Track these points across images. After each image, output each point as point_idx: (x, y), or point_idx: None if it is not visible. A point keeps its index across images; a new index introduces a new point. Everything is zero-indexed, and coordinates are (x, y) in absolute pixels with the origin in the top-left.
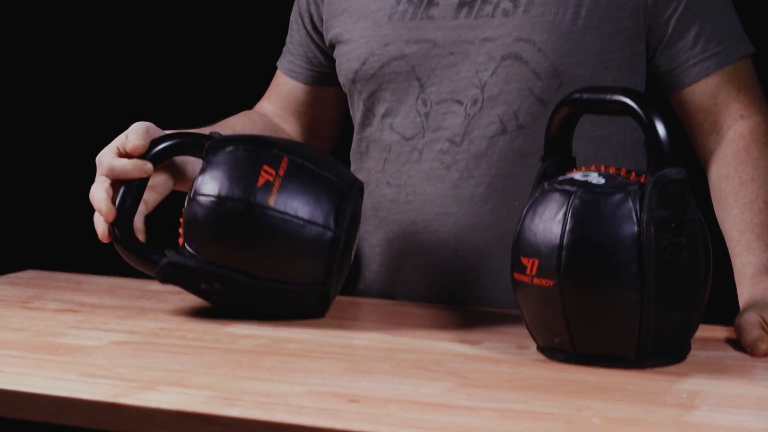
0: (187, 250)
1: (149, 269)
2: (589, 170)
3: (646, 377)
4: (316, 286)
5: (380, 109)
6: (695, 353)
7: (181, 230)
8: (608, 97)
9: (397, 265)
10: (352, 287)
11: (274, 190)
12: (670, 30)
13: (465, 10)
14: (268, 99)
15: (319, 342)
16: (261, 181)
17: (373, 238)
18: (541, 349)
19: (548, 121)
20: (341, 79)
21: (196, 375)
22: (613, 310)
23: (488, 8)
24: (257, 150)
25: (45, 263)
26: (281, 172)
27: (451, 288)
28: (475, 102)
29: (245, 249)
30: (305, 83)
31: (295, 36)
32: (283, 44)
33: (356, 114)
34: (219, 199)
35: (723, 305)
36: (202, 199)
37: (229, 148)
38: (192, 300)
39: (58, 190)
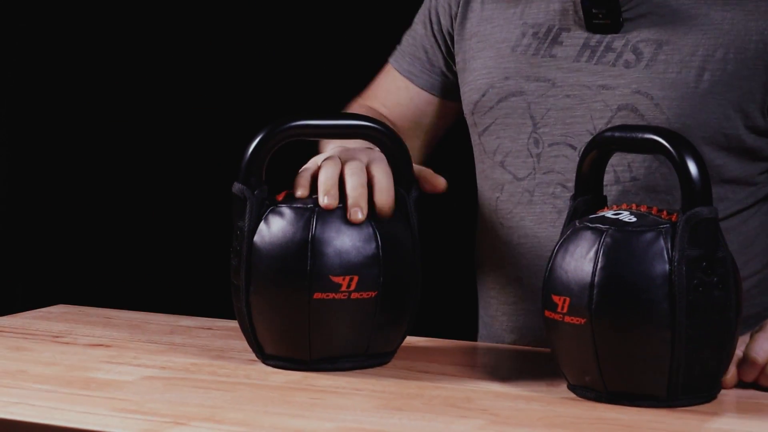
0: None
1: None
2: (620, 208)
3: (676, 416)
4: None
5: (493, 145)
6: (726, 393)
7: None
8: (640, 135)
9: (513, 309)
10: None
11: None
12: None
13: (587, 53)
14: (384, 103)
15: (350, 378)
16: None
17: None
18: (572, 387)
19: (579, 159)
20: (464, 108)
21: (227, 411)
22: (644, 348)
23: (611, 56)
24: None
25: (76, 298)
26: None
27: None
28: None
29: None
30: (431, 93)
31: (421, 40)
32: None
33: (474, 148)
34: None
35: None
36: None
37: None
38: (223, 336)
39: (89, 225)
